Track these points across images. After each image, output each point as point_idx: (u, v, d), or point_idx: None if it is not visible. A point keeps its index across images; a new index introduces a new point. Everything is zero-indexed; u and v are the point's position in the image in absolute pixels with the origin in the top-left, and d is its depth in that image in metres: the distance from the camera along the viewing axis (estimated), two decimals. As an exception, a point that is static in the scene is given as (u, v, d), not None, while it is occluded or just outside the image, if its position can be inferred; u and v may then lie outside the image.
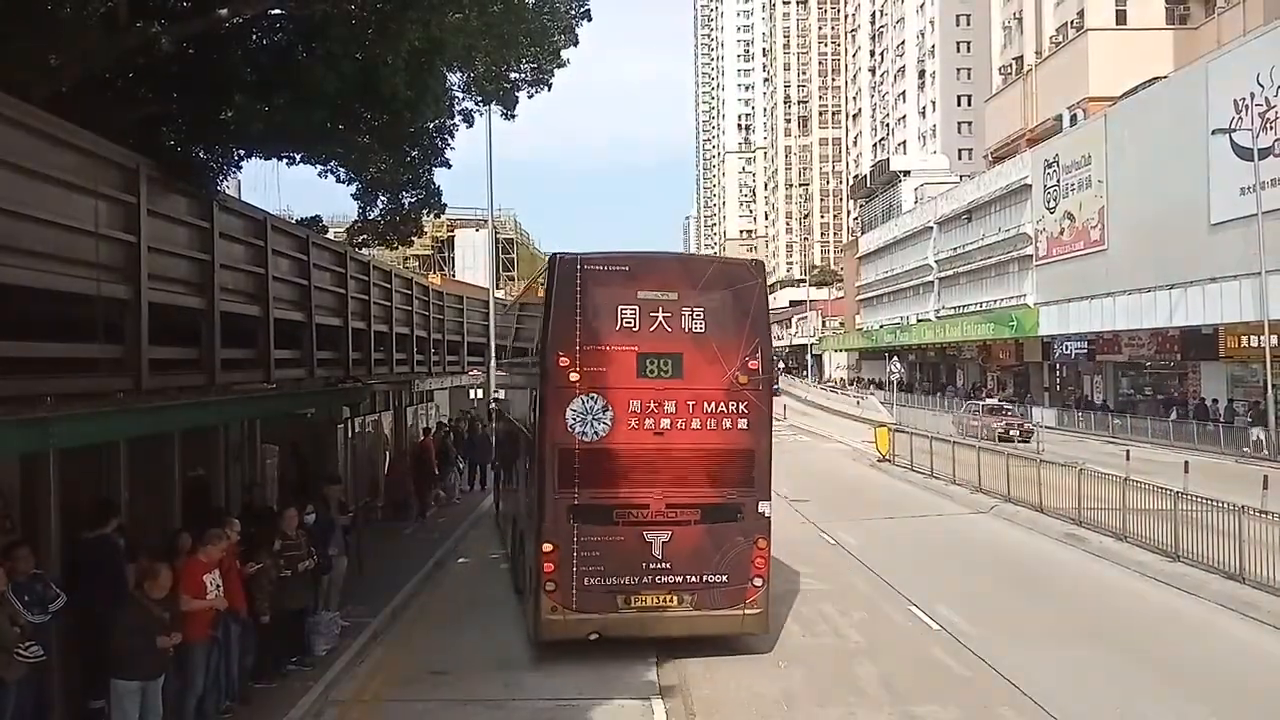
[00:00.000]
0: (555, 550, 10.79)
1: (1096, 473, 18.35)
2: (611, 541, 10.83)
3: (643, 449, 10.87)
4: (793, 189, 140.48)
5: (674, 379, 10.94)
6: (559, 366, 10.83)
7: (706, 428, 10.97)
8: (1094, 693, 9.77)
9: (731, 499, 11.03)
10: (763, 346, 11.21)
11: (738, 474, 11.07)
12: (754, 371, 11.07)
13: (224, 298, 10.05)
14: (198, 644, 8.41)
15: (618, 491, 10.87)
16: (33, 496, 8.02)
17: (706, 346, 11.00)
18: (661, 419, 10.91)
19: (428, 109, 11.67)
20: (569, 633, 10.88)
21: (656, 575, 10.87)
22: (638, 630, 10.99)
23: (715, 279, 11.37)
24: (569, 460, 10.82)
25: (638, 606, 10.88)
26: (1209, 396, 36.05)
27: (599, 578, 10.82)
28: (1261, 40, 32.88)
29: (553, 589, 10.79)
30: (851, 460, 33.33)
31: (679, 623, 11.02)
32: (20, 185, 6.84)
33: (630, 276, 11.15)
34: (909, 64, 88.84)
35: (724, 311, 11.09)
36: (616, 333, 10.88)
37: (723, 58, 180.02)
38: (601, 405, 10.81)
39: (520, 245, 65.42)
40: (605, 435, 10.80)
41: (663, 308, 10.97)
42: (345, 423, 17.58)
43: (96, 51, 8.99)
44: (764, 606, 11.16)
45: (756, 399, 11.10)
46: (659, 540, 10.88)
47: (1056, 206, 46.44)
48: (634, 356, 10.90)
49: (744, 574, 11.02)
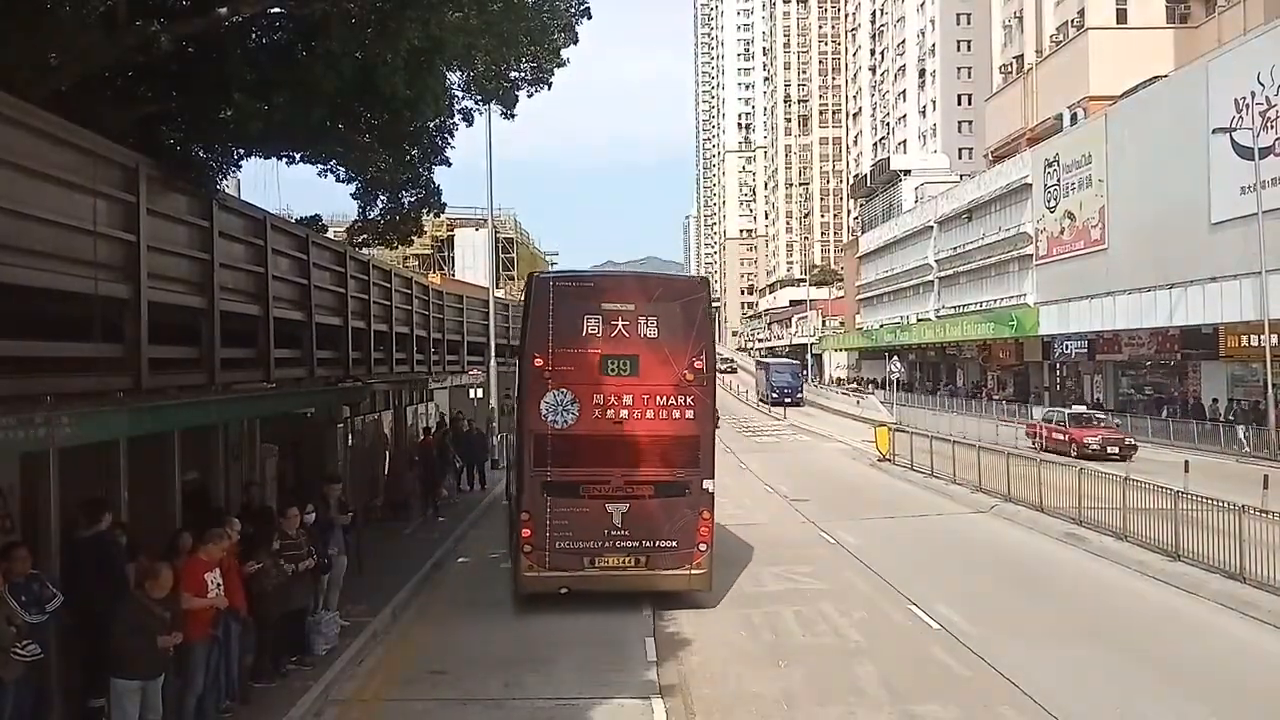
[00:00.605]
0: (532, 519, 12.90)
1: (1096, 472, 18.35)
2: (578, 512, 12.88)
3: (605, 435, 12.90)
4: (793, 188, 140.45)
5: (631, 376, 12.95)
6: (534, 366, 12.96)
7: (659, 417, 13.00)
8: (1094, 692, 9.77)
9: (680, 477, 13.05)
10: (706, 349, 13.20)
11: (685, 456, 13.05)
12: (699, 370, 13.04)
13: (224, 297, 10.04)
14: (198, 643, 8.42)
15: (584, 470, 12.90)
16: (33, 496, 8.02)
17: (659, 349, 13.00)
18: (620, 410, 12.95)
19: (428, 108, 11.66)
20: (544, 587, 13.02)
21: (616, 540, 12.89)
22: (601, 586, 12.99)
23: (666, 293, 13.48)
24: (543, 444, 12.88)
25: (601, 566, 12.95)
26: (1209, 396, 36.04)
27: (568, 542, 12.87)
28: (1262, 39, 32.86)
29: (529, 550, 12.88)
30: (851, 460, 33.33)
31: (636, 580, 13.10)
32: (20, 184, 6.83)
33: (594, 291, 13.37)
34: (909, 63, 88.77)
35: (673, 320, 13.08)
36: (582, 338, 12.92)
37: (723, 57, 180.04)
38: (570, 398, 12.86)
39: (520, 245, 65.35)
40: (573, 423, 12.84)
41: (621, 317, 13.00)
42: (345, 422, 17.58)
43: (96, 51, 8.98)
44: (708, 568, 13.20)
45: (701, 393, 13.06)
46: (618, 511, 12.89)
47: (1057, 206, 46.43)
48: (597, 358, 12.93)
49: (691, 540, 13.04)
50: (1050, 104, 53.07)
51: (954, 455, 24.54)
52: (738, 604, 13.68)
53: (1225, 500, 13.84)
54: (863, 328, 79.37)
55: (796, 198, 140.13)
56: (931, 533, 19.20)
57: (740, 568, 15.83)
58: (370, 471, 20.14)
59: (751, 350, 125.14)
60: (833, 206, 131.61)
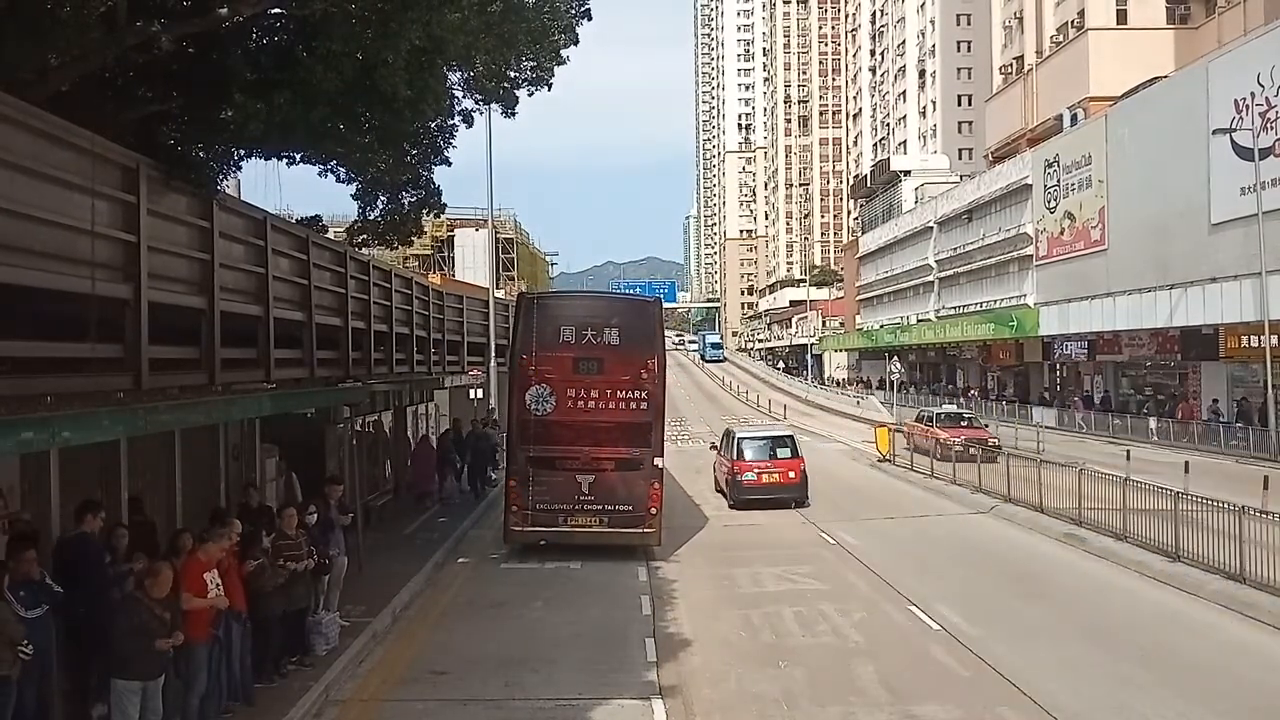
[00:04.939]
0: (518, 485, 16.39)
1: (1096, 473, 18.34)
2: (555, 481, 16.21)
3: (575, 420, 16.22)
4: (793, 189, 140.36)
5: (598, 375, 16.29)
6: (522, 365, 16.45)
7: (619, 407, 16.27)
8: (1094, 692, 9.76)
9: (635, 455, 16.28)
10: (658, 354, 16.68)
11: (640, 438, 16.28)
12: (652, 371, 16.39)
13: (224, 297, 10.05)
14: (199, 643, 8.41)
15: (559, 448, 16.22)
16: (33, 496, 8.02)
17: (619, 353, 16.33)
18: (589, 401, 16.26)
19: (428, 108, 11.66)
20: (526, 540, 16.65)
21: (584, 504, 16.19)
22: (573, 540, 16.29)
23: (626, 310, 17.57)
24: (527, 427, 16.36)
25: (571, 524, 16.25)
26: (1209, 397, 35.98)
27: (546, 504, 16.21)
28: (1262, 40, 32.83)
29: (515, 510, 16.37)
30: (851, 460, 33.33)
31: (600, 536, 16.27)
32: (20, 185, 6.83)
33: (569, 307, 17.72)
34: (909, 64, 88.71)
35: (631, 331, 16.54)
36: (559, 344, 16.35)
37: (723, 57, 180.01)
38: (549, 391, 16.25)
39: (520, 245, 65.38)
40: (551, 411, 16.23)
41: (590, 327, 16.40)
42: (345, 422, 17.57)
43: (96, 51, 8.98)
44: (657, 528, 16.42)
45: (653, 389, 16.38)
46: (586, 481, 16.17)
47: (1057, 206, 46.41)
48: (571, 359, 16.30)
49: (644, 505, 16.20)
50: (1050, 104, 53.03)
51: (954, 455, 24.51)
52: (738, 604, 13.68)
53: (1225, 501, 13.83)
54: (863, 328, 79.33)
55: (796, 198, 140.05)
56: (931, 533, 19.19)
57: (740, 567, 15.85)
58: (371, 472, 20.13)
59: (752, 350, 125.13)
60: (833, 207, 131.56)
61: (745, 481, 22.23)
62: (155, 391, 8.83)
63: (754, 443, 23.00)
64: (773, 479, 22.27)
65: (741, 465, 22.42)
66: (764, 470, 22.34)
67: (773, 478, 22.27)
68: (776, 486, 22.25)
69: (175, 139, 9.92)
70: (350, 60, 9.67)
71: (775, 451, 22.71)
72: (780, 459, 22.51)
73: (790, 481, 22.28)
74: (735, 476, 22.40)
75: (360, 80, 9.91)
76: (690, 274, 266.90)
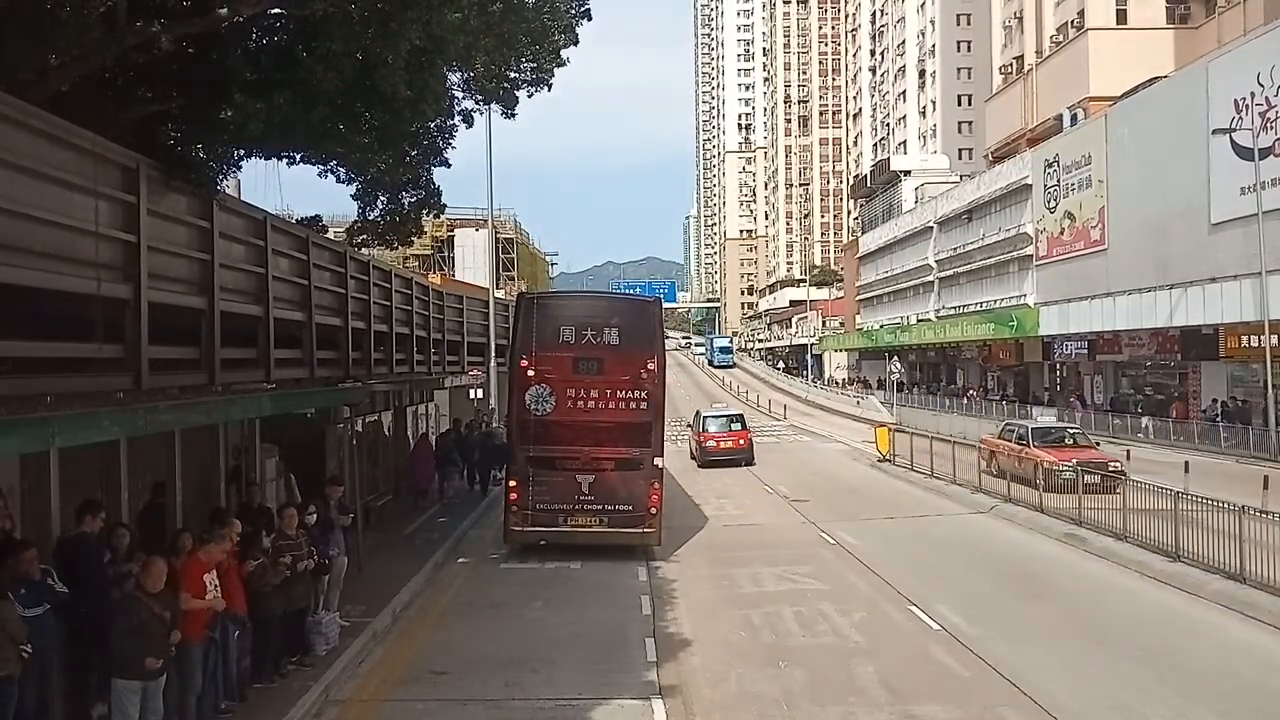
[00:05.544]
0: (518, 485, 16.21)
1: (1097, 473, 18.33)
2: (554, 480, 16.04)
3: (575, 420, 16.03)
4: (793, 189, 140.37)
5: (597, 375, 16.09)
6: (521, 366, 16.28)
7: (619, 407, 16.08)
8: (1094, 692, 9.76)
9: (635, 455, 16.10)
10: (658, 354, 16.44)
11: (639, 438, 16.10)
12: (652, 371, 16.15)
13: (224, 297, 10.04)
14: (195, 644, 8.40)
15: (559, 447, 16.04)
16: (33, 496, 8.02)
17: (619, 354, 16.11)
18: (588, 401, 16.07)
19: (428, 108, 11.66)
20: (526, 540, 16.47)
21: (584, 504, 16.01)
22: (573, 540, 16.09)
23: (625, 309, 17.30)
24: (527, 427, 16.17)
25: (571, 524, 16.05)
26: (1208, 397, 35.97)
27: (546, 504, 16.03)
28: (1262, 40, 32.82)
29: (516, 510, 16.19)
30: (852, 460, 33.32)
31: (599, 536, 16.08)
32: (20, 185, 6.83)
33: (569, 307, 17.39)
34: (909, 64, 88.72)
35: (631, 331, 16.30)
36: (559, 344, 16.15)
37: (723, 57, 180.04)
38: (548, 391, 16.06)
39: (520, 245, 65.36)
40: (551, 411, 16.05)
41: (590, 327, 16.19)
42: (345, 423, 17.57)
43: (96, 51, 8.97)
44: (657, 528, 16.23)
45: (653, 389, 16.16)
46: (586, 481, 16.00)
47: (1057, 206, 46.40)
48: (571, 360, 16.11)
49: (643, 505, 16.04)
50: (1050, 104, 53.02)
51: (954, 455, 24.53)
52: (738, 604, 13.68)
53: (1225, 501, 13.83)
54: (863, 328, 79.31)
55: (796, 198, 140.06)
56: (932, 533, 19.19)
57: (740, 567, 15.84)
58: (371, 472, 20.14)
59: (751, 350, 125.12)
60: (833, 207, 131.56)
61: (708, 448, 31.13)
62: (155, 391, 8.83)
63: (715, 419, 32.71)
64: (728, 445, 31.04)
65: (705, 436, 31.54)
66: (722, 439, 31.13)
67: (728, 444, 31.05)
68: (731, 450, 30.91)
69: (175, 139, 9.92)
70: (350, 60, 9.66)
71: (730, 425, 31.97)
72: (734, 431, 31.55)
73: (740, 447, 31.00)
74: (701, 444, 31.50)
75: (360, 80, 9.90)
76: (690, 274, 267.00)
